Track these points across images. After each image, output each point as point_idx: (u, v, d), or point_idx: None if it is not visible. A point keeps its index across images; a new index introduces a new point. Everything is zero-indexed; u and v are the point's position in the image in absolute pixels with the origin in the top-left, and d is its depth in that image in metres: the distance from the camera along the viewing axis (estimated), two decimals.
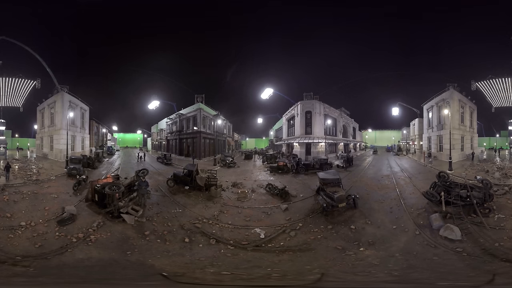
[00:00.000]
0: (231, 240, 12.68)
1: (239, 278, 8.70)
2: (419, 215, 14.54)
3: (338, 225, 13.94)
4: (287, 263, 10.45)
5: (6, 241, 11.27)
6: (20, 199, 15.83)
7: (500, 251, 10.47)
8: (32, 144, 43.67)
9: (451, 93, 33.20)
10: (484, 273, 8.83)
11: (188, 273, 9.15)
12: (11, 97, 35.44)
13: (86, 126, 38.34)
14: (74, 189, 18.26)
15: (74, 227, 12.89)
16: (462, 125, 34.28)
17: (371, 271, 9.22)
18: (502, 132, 47.63)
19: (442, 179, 16.43)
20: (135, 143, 64.50)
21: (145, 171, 19.01)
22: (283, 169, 26.65)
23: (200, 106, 38.76)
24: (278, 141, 49.29)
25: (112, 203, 14.52)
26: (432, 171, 23.63)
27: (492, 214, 13.71)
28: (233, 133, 54.65)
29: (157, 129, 50.02)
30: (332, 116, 42.14)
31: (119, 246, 11.61)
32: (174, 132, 40.64)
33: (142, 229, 13.39)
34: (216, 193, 18.83)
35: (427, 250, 11.04)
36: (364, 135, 61.49)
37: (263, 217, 15.61)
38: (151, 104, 42.62)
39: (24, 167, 24.79)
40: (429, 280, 8.11)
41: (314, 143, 38.10)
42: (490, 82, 35.90)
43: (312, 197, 18.13)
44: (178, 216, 15.20)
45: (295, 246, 12.07)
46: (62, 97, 32.38)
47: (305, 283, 7.61)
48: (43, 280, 7.89)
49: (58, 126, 32.09)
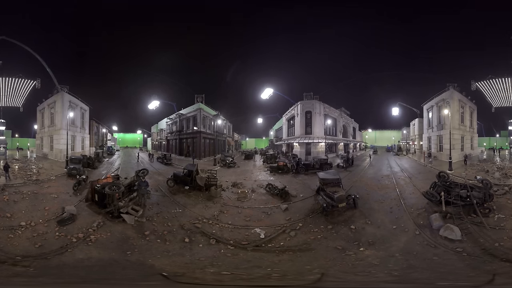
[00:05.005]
0: (231, 240, 12.67)
1: (239, 278, 8.69)
2: (419, 215, 14.53)
3: (338, 225, 13.93)
4: (287, 263, 10.44)
5: (6, 241, 11.26)
6: (20, 199, 15.82)
7: (500, 251, 10.46)
8: (32, 144, 43.67)
9: (451, 93, 33.20)
10: (484, 273, 8.82)
11: (188, 273, 9.14)
12: (11, 97, 35.43)
13: (86, 126, 38.34)
14: (74, 189, 18.25)
15: (74, 227, 12.89)
16: (462, 125, 34.27)
17: (371, 271, 9.22)
18: (502, 132, 47.63)
19: (442, 179, 16.42)
20: (135, 143, 64.51)
21: (145, 171, 19.00)
22: (283, 169, 26.64)
23: (200, 106, 38.76)
24: (278, 141, 49.28)
25: (112, 203, 14.52)
26: (432, 171, 23.62)
27: (492, 214, 13.70)
28: (233, 133, 54.63)
29: (157, 129, 50.01)
30: (332, 116, 42.14)
31: (119, 246, 11.60)
32: (174, 132, 40.63)
33: (142, 229, 13.39)
34: (216, 193, 18.83)
35: (427, 250, 11.03)
36: (364, 135, 61.49)
37: (263, 217, 15.61)
38: (151, 104, 42.69)
39: (24, 167, 24.79)
40: (429, 280, 8.11)
41: (314, 143, 38.09)
42: (490, 82, 35.90)
43: (312, 197, 18.12)
44: (178, 216, 15.19)
45: (295, 246, 12.06)
46: (62, 97, 32.38)
47: (305, 283, 7.60)
48: (43, 280, 7.88)
49: (58, 126, 32.10)
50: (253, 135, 61.02)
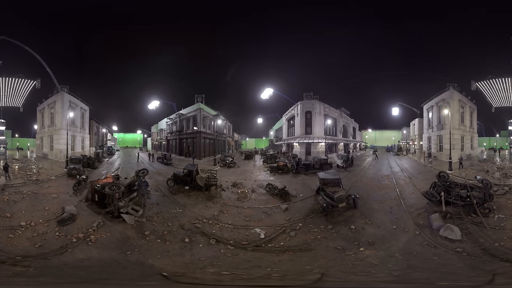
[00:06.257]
0: (231, 240, 12.67)
1: (239, 278, 8.69)
2: (419, 215, 14.54)
3: (338, 225, 13.93)
4: (287, 263, 10.44)
5: (6, 241, 11.26)
6: (20, 199, 15.83)
7: (500, 251, 10.46)
8: (32, 144, 43.66)
9: (451, 93, 33.19)
10: (484, 273, 8.82)
11: (188, 273, 9.14)
12: (11, 97, 35.36)
13: (86, 126, 38.33)
14: (74, 189, 18.26)
15: (74, 227, 12.89)
16: (462, 125, 34.27)
17: (371, 271, 9.21)
18: (502, 132, 47.57)
19: (442, 179, 16.42)
20: (135, 143, 64.49)
21: (145, 171, 19.01)
22: (283, 169, 26.64)
23: (200, 106, 38.76)
24: (278, 141, 49.27)
25: (112, 203, 14.52)
26: (432, 171, 23.62)
27: (492, 214, 13.71)
28: (233, 133, 54.61)
29: (157, 129, 50.02)
30: (332, 116, 42.12)
31: (119, 246, 11.60)
32: (174, 132, 40.63)
33: (142, 229, 13.39)
34: (216, 193, 18.83)
35: (427, 250, 11.03)
36: (364, 135, 61.50)
37: (263, 217, 15.61)
38: (151, 104, 42.66)
39: (24, 167, 24.79)
40: (429, 280, 8.10)
41: (314, 143, 38.08)
42: (490, 82, 35.86)
43: (312, 197, 18.12)
44: (178, 216, 15.19)
45: (295, 246, 12.06)
46: (62, 97, 32.38)
47: (305, 283, 7.60)
48: (43, 280, 7.87)
49: (58, 126, 32.09)
50: (253, 135, 61.03)
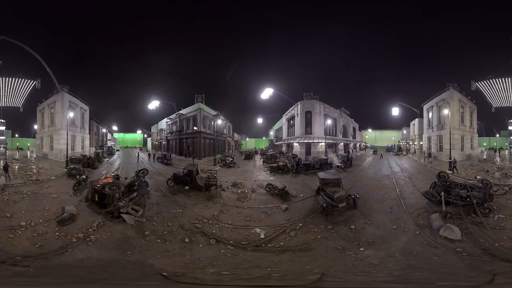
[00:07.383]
0: (231, 240, 12.66)
1: (239, 278, 8.68)
2: (419, 215, 14.53)
3: (338, 225, 13.93)
4: (287, 263, 10.44)
5: (6, 241, 11.26)
6: (20, 199, 15.82)
7: (500, 251, 10.46)
8: (32, 144, 43.67)
9: (451, 93, 33.19)
10: (484, 273, 8.82)
11: (188, 273, 9.14)
12: (11, 97, 35.37)
13: (86, 126, 38.34)
14: (74, 189, 18.26)
15: (74, 227, 12.88)
16: (462, 125, 34.27)
17: (371, 271, 9.21)
18: (502, 132, 47.59)
19: (442, 179, 16.42)
20: (135, 143, 64.52)
21: (145, 171, 19.01)
22: (283, 169, 26.65)
23: (200, 106, 38.76)
24: (278, 141, 49.27)
25: (112, 203, 14.51)
26: (432, 171, 23.62)
27: (492, 214, 13.70)
28: (233, 133, 54.62)
29: (157, 129, 50.02)
30: (332, 116, 42.13)
31: (119, 246, 11.60)
32: (174, 132, 40.63)
33: (142, 229, 13.39)
34: (216, 193, 18.82)
35: (427, 250, 11.02)
36: (364, 135, 61.51)
37: (263, 217, 15.60)
38: (151, 104, 42.70)
39: (24, 167, 24.78)
40: (429, 280, 8.09)
41: (314, 143, 38.09)
42: (490, 82, 35.86)
43: (312, 197, 18.12)
44: (178, 216, 15.19)
45: (295, 246, 12.05)
46: (62, 97, 32.39)
47: (305, 283, 7.59)
48: (43, 280, 7.87)
49: (58, 126, 32.10)
50: (253, 135, 61.03)
